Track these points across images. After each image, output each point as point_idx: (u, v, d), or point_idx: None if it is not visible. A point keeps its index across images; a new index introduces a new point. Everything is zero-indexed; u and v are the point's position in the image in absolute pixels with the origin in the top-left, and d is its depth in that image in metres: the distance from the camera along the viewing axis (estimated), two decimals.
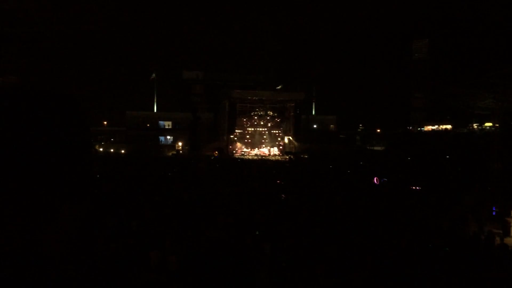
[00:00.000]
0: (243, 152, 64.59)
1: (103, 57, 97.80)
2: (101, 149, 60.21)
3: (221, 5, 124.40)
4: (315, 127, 70.58)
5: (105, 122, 73.29)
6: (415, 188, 22.37)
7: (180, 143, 66.04)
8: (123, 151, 60.27)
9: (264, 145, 67.15)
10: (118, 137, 68.31)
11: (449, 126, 72.97)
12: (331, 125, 76.26)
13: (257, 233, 11.26)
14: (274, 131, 67.74)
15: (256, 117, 67.10)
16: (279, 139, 67.98)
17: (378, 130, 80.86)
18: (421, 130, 78.34)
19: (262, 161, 48.21)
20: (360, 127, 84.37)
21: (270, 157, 58.53)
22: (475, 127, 65.07)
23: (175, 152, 61.67)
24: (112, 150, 61.74)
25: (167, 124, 71.61)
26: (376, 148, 69.09)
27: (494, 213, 17.60)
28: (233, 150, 63.66)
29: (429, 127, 78.16)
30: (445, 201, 18.30)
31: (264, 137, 67.63)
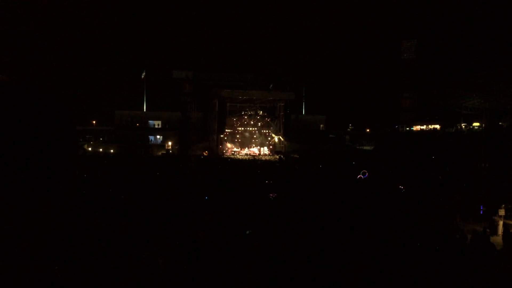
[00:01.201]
0: (233, 152, 64.48)
1: (92, 56, 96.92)
2: (89, 149, 59.62)
3: (211, 4, 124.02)
4: (305, 127, 70.73)
5: (94, 121, 72.64)
6: (402, 188, 22.48)
7: (170, 143, 65.67)
8: (112, 151, 59.75)
9: (254, 145, 67.13)
10: (107, 136, 67.73)
11: (437, 126, 73.76)
12: (321, 125, 76.57)
13: (247, 232, 11.22)
14: (264, 131, 67.75)
15: (246, 117, 67.04)
16: (269, 138, 68.00)
17: (368, 130, 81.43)
18: (409, 129, 79.05)
19: (252, 161, 48.14)
20: (350, 127, 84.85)
21: (260, 157, 58.50)
22: (463, 127, 65.80)
23: (164, 152, 61.33)
24: (101, 149, 61.17)
25: (157, 124, 71.19)
26: (365, 147, 69.57)
27: (481, 212, 17.81)
28: (223, 150, 63.53)
29: (418, 127, 78.96)
30: (433, 200, 18.44)
31: (254, 136, 67.61)
